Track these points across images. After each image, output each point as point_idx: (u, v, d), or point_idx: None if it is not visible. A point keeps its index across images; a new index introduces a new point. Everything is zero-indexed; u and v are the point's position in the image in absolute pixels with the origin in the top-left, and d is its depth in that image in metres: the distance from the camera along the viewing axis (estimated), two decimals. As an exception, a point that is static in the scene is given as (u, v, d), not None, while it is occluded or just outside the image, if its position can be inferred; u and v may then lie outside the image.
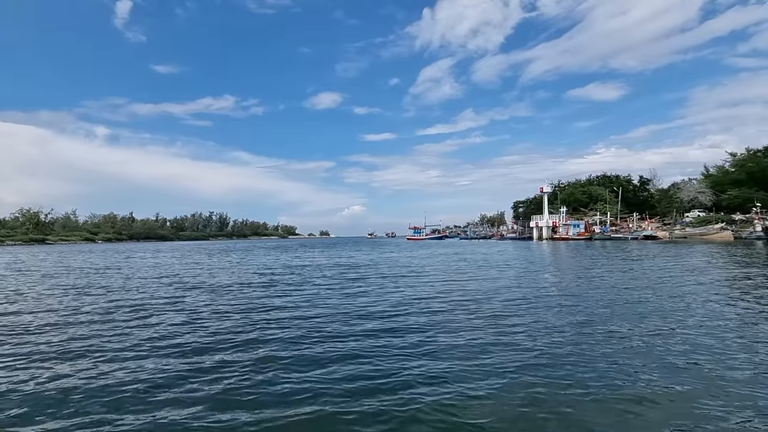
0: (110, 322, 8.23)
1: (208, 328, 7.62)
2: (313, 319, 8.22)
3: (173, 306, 10.03)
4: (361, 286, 13.19)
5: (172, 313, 9.15)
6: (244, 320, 8.22)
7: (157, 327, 7.73)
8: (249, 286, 13.58)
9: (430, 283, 13.42)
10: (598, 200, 75.13)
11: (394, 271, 17.36)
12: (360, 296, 11.04)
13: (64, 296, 12.12)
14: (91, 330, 7.60)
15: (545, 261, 21.45)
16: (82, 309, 9.85)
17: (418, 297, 10.64)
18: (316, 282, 14.32)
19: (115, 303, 10.65)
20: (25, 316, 9.18)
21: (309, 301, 10.47)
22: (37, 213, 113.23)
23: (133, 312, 9.27)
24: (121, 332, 7.36)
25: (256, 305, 9.88)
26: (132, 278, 16.82)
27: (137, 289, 13.24)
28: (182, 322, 8.19)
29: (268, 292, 12.06)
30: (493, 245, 45.76)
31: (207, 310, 9.49)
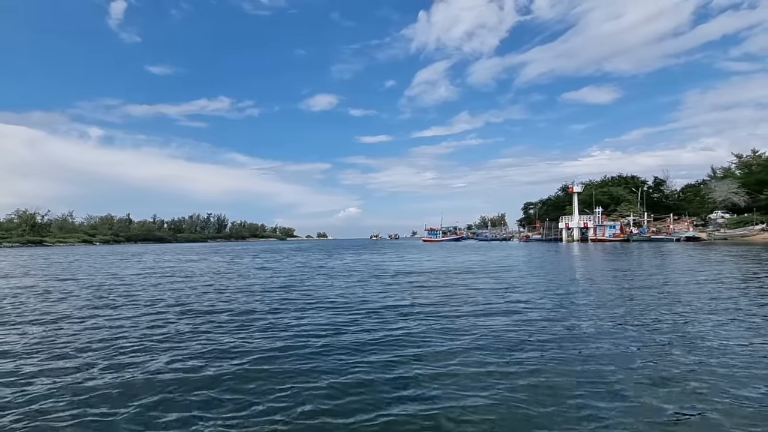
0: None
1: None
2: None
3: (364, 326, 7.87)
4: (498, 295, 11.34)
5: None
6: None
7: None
8: (366, 290, 12.11)
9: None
10: (620, 201, 73.73)
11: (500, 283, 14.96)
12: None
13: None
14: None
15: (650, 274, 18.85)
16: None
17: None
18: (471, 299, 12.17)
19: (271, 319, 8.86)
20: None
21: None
22: (34, 214, 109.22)
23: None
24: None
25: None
26: (229, 285, 15.07)
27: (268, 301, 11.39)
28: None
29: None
30: (521, 247, 43.80)
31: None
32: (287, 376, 4.86)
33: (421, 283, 13.37)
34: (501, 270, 17.43)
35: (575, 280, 13.39)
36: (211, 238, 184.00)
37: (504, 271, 17.04)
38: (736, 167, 77.34)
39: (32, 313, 9.30)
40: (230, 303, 10.36)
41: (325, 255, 35.10)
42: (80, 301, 11.00)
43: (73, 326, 7.78)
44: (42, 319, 8.57)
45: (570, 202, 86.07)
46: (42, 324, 8.06)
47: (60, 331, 7.46)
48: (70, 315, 8.95)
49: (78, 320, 8.34)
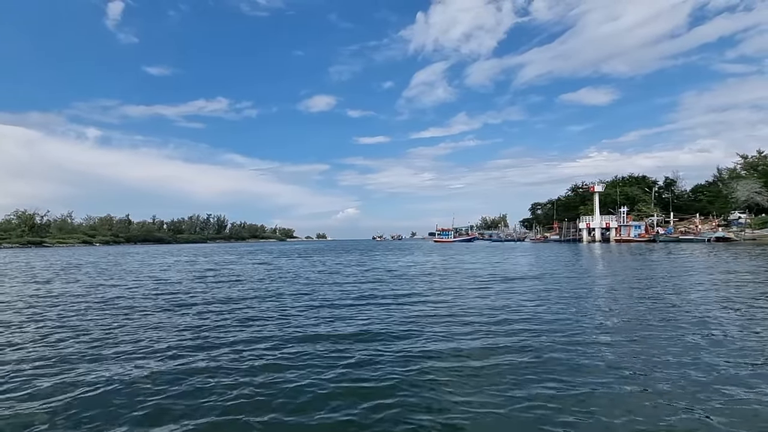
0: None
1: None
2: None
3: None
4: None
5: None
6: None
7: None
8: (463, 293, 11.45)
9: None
10: (636, 201, 72.95)
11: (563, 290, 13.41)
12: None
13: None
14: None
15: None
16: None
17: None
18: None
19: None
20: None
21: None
22: (33, 215, 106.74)
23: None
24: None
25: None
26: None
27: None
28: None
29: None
30: (541, 248, 42.57)
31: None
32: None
33: (525, 290, 12.06)
34: (548, 275, 16.41)
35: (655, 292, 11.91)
36: (211, 239, 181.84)
37: (550, 276, 15.95)
38: (742, 168, 77.43)
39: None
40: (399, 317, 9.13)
41: (362, 257, 33.72)
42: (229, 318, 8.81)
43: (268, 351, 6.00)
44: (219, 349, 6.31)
45: (582, 202, 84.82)
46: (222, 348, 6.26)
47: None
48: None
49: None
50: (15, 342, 6.63)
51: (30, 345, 6.44)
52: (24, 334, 7.23)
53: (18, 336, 7.06)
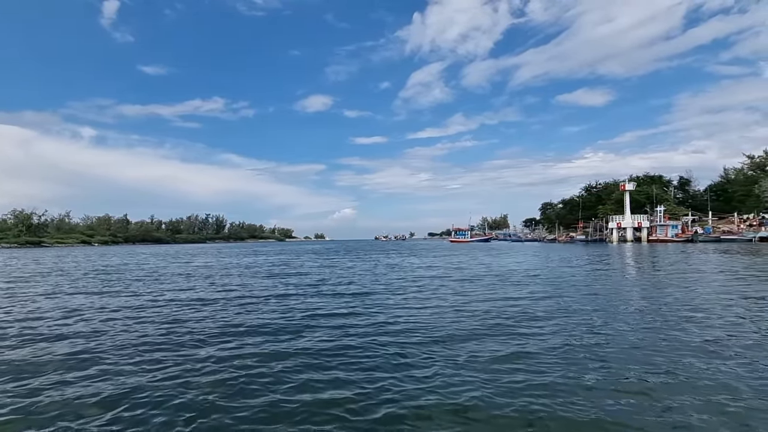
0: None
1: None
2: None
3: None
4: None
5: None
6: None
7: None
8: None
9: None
10: (659, 200, 71.72)
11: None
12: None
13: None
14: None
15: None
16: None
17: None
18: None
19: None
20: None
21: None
22: (30, 214, 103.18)
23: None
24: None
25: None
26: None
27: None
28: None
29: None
30: (571, 249, 40.92)
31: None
32: None
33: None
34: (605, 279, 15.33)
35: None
36: (210, 239, 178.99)
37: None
38: (748, 168, 77.54)
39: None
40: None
41: (397, 257, 32.11)
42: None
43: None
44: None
45: (600, 201, 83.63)
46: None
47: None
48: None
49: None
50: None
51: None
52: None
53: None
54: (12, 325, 7.84)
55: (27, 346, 6.32)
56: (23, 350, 6.06)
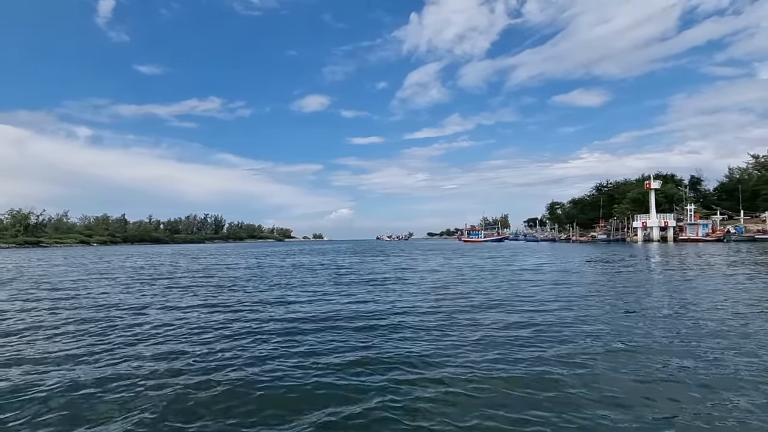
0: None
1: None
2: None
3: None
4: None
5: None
6: None
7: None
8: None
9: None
10: (679, 200, 70.97)
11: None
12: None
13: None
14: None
15: None
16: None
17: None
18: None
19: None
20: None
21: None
22: (28, 214, 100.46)
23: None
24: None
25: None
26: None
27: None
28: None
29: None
30: (607, 251, 39.73)
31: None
32: None
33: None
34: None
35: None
36: (209, 239, 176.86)
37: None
38: (753, 168, 77.89)
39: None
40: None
41: (423, 259, 31.05)
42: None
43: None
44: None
45: (613, 200, 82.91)
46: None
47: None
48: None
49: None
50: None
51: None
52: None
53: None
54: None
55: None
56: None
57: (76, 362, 5.33)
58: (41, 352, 5.89)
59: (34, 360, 5.50)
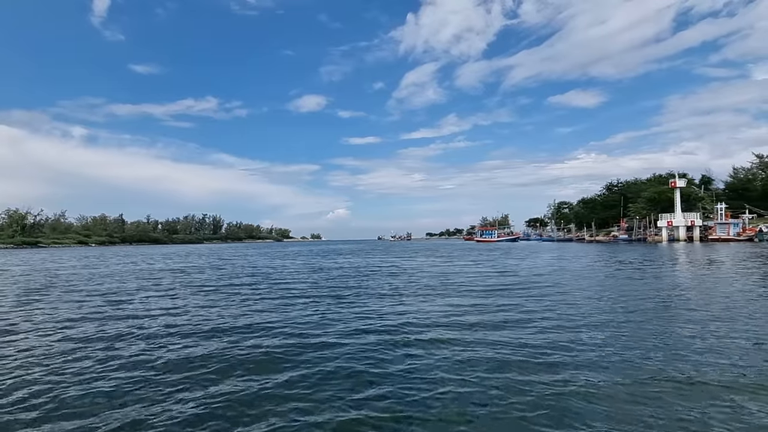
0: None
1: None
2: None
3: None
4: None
5: None
6: None
7: None
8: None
9: None
10: (699, 199, 70.13)
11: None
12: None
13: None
14: None
15: None
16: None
17: None
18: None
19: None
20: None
21: None
22: (26, 214, 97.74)
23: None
24: None
25: None
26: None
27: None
28: None
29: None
30: (630, 250, 38.70)
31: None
32: None
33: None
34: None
35: None
36: (207, 240, 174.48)
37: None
38: (757, 167, 78.20)
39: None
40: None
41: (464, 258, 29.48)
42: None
43: None
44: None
45: (627, 200, 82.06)
46: None
47: None
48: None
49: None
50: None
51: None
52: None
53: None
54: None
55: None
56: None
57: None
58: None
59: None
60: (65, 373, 4.86)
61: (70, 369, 5.00)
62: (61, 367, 5.05)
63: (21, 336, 6.85)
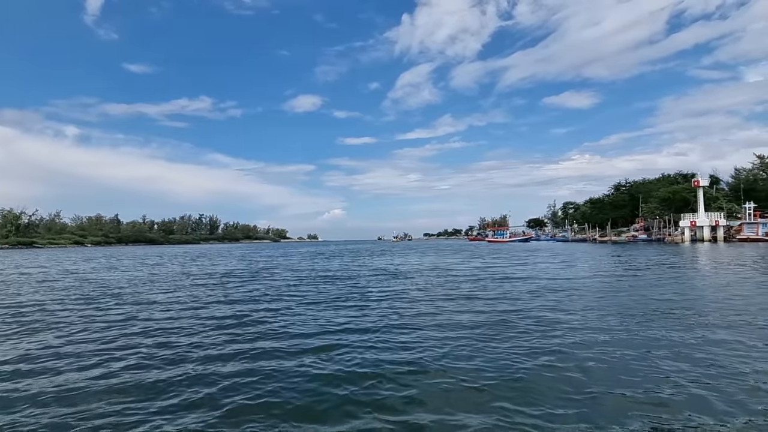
0: None
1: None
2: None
3: None
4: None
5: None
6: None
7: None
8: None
9: None
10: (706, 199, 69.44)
11: None
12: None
13: None
14: None
15: None
16: None
17: None
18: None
19: None
20: None
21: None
22: (20, 214, 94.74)
23: None
24: None
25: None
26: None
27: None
28: None
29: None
30: (657, 251, 37.69)
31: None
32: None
33: None
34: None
35: None
36: (204, 240, 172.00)
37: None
38: (759, 168, 78.82)
39: None
40: None
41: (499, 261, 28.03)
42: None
43: None
44: None
45: (635, 200, 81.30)
46: None
47: None
48: None
49: None
50: None
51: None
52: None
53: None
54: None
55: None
56: None
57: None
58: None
59: None
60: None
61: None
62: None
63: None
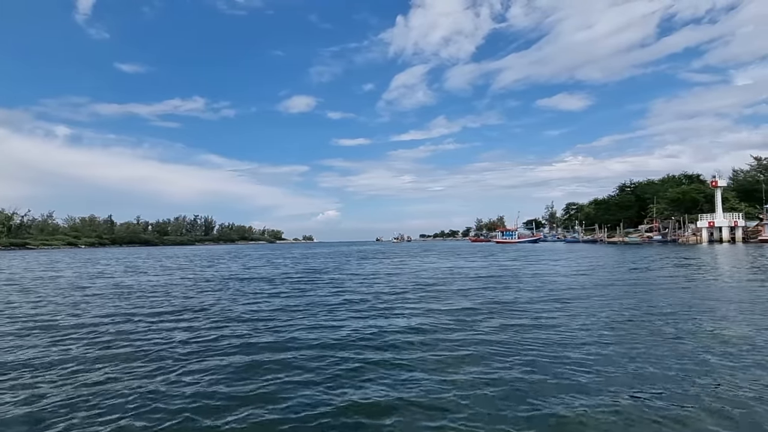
0: None
1: None
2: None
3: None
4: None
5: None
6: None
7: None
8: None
9: None
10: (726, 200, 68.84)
11: None
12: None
13: None
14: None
15: None
16: None
17: None
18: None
19: None
20: None
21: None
22: (12, 215, 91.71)
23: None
24: None
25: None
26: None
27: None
28: None
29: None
30: (679, 251, 36.97)
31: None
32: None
33: None
34: None
35: None
36: (199, 241, 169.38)
37: None
38: (756, 169, 79.88)
39: None
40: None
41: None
42: None
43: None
44: None
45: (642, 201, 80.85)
46: None
47: None
48: None
49: None
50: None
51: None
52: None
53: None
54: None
55: None
56: None
57: None
58: None
59: None
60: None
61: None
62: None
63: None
